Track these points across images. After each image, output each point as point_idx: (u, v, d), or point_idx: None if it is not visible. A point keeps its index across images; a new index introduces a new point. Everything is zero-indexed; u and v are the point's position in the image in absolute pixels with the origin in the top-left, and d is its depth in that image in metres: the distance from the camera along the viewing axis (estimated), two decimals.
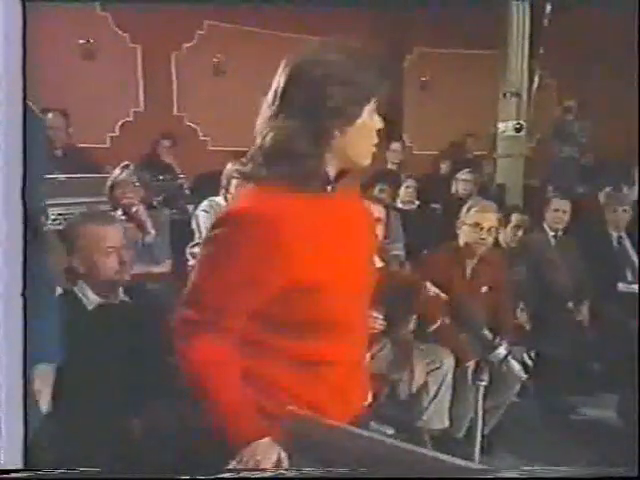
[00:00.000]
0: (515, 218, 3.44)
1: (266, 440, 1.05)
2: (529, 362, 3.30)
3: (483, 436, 1.37)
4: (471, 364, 2.51)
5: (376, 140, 1.14)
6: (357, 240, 1.18)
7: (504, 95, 4.58)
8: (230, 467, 1.03)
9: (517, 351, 3.09)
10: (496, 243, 3.26)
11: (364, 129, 1.11)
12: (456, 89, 5.78)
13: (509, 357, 1.23)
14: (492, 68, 4.92)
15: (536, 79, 4.65)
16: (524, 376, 1.27)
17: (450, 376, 2.53)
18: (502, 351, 1.22)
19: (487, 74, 5.06)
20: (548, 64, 5.11)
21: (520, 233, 3.43)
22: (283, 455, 1.05)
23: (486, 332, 1.23)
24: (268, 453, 1.04)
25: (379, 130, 1.14)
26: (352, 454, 0.98)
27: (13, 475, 0.90)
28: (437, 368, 2.51)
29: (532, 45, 4.58)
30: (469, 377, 2.49)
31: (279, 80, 1.10)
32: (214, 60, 5.34)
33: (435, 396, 2.52)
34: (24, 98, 0.88)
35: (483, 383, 1.28)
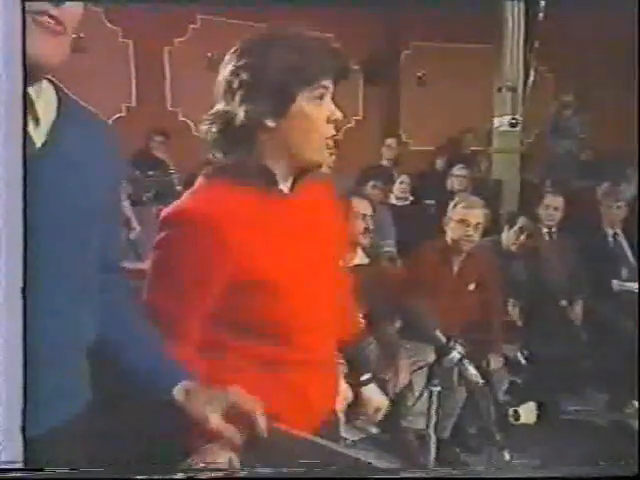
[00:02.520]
0: (521, 221, 3.32)
1: (213, 446, 1.00)
2: (522, 360, 3.27)
3: (439, 440, 1.32)
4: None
5: (330, 132, 1.05)
6: (318, 240, 1.13)
7: (499, 90, 4.52)
8: (185, 467, 0.99)
9: (509, 350, 3.09)
10: (499, 245, 3.20)
11: (306, 119, 1.03)
12: (453, 84, 5.71)
13: (464, 361, 1.17)
14: (489, 62, 4.87)
15: (532, 73, 4.58)
16: (480, 381, 1.21)
17: None
18: (456, 355, 1.16)
19: (485, 68, 5.00)
20: (546, 58, 5.05)
21: (523, 237, 3.32)
22: (234, 459, 1.01)
23: (439, 334, 1.17)
24: (217, 457, 0.98)
25: (335, 121, 1.05)
26: (310, 463, 0.95)
27: (13, 475, 0.88)
28: (422, 367, 2.47)
29: (528, 39, 4.52)
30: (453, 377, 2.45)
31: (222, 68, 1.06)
32: (208, 54, 5.29)
33: (420, 396, 2.47)
34: (24, 98, 0.85)
35: (437, 389, 1.22)
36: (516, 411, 2.78)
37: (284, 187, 1.10)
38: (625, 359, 2.71)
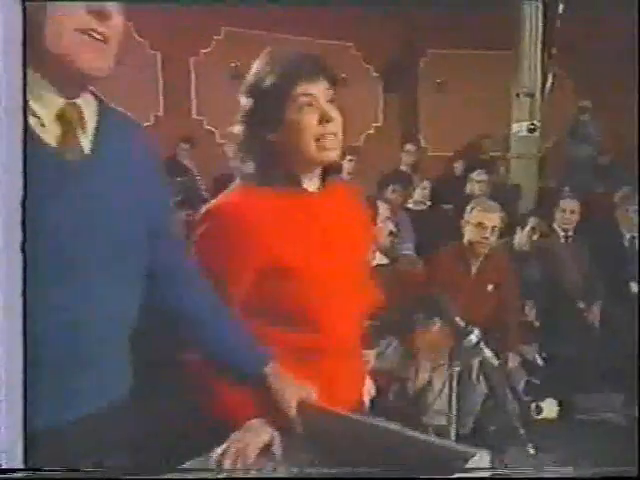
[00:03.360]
0: (532, 221, 3.43)
1: (256, 421, 1.09)
2: (540, 362, 3.33)
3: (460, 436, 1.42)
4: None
5: (326, 131, 1.16)
6: (344, 235, 1.24)
7: (517, 95, 4.59)
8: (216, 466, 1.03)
9: (527, 351, 3.15)
10: (511, 246, 3.31)
11: (298, 126, 1.16)
12: (471, 90, 5.80)
13: (481, 343, 1.28)
14: (507, 68, 4.94)
15: (550, 79, 4.65)
16: (496, 362, 1.32)
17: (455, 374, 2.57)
18: (473, 338, 1.28)
19: (502, 75, 5.08)
20: (564, 64, 5.10)
21: (536, 237, 3.43)
22: (275, 435, 1.08)
23: (459, 320, 1.29)
24: (258, 433, 1.07)
25: (329, 120, 1.16)
26: (353, 441, 1.04)
27: (13, 475, 0.89)
28: (441, 365, 2.56)
29: (545, 45, 4.59)
30: (473, 374, 2.55)
31: None
32: (231, 64, 5.45)
33: (440, 393, 2.57)
34: (24, 100, 0.87)
35: (457, 369, 1.34)
36: (538, 406, 2.85)
37: (310, 187, 1.23)
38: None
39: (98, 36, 0.89)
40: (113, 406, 1.00)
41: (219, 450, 1.05)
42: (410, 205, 4.17)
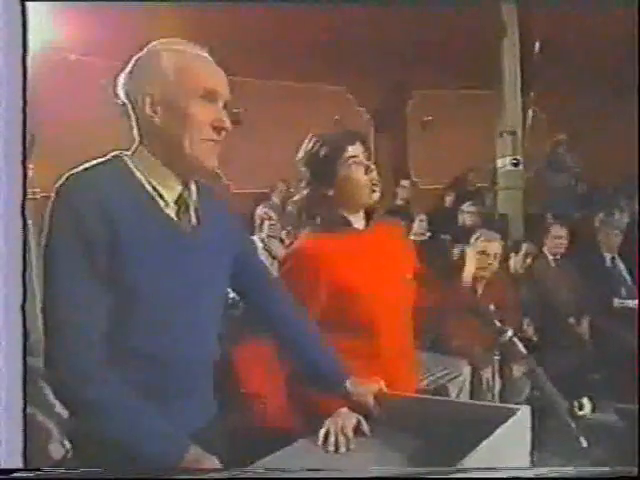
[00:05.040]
0: (525, 247, 3.86)
1: (344, 409, 1.40)
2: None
3: None
4: (485, 372, 2.90)
5: (371, 177, 1.54)
6: (389, 262, 1.60)
7: (501, 134, 5.04)
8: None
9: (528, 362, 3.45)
10: (507, 269, 3.69)
11: (348, 179, 1.54)
12: (456, 127, 6.27)
13: (514, 339, 1.66)
14: (488, 107, 5.40)
15: (530, 115, 5.11)
16: (524, 352, 1.69)
17: (468, 383, 2.90)
18: (509, 334, 1.66)
19: (484, 112, 5.54)
20: (539, 101, 5.59)
21: (529, 260, 3.84)
22: (361, 418, 1.39)
23: (497, 322, 1.66)
24: (348, 418, 1.38)
25: (372, 170, 1.55)
26: (422, 414, 1.32)
27: (13, 475, 0.91)
28: (456, 376, 2.88)
29: (524, 84, 5.05)
30: (484, 383, 2.88)
31: None
32: (234, 111, 5.85)
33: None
34: (24, 102, 0.91)
35: (497, 357, 1.70)
36: (580, 402, 3.16)
37: (359, 225, 1.61)
38: (627, 366, 3.12)
39: (215, 142, 1.17)
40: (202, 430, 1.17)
41: (322, 431, 1.37)
42: (413, 237, 4.53)
